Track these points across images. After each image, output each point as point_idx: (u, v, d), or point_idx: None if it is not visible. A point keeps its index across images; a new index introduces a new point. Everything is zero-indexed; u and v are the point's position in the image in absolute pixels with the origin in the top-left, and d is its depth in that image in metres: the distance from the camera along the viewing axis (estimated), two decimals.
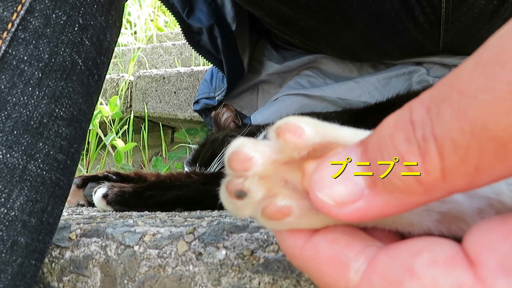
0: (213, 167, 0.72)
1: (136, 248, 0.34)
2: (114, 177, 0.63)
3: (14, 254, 0.28)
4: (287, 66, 0.94)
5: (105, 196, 0.54)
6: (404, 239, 0.18)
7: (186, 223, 0.37)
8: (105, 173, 0.64)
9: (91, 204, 0.61)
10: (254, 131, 0.74)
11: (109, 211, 0.54)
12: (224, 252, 0.32)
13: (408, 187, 0.15)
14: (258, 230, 0.33)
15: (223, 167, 0.73)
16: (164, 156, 1.05)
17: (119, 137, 1.00)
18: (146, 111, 1.05)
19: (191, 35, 0.86)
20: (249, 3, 0.72)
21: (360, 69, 0.92)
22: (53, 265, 0.35)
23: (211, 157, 0.74)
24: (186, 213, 0.50)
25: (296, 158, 0.19)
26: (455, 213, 0.18)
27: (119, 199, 0.53)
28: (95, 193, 0.55)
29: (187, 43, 0.87)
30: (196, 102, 0.98)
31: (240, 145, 0.19)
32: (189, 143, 1.02)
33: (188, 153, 1.06)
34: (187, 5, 0.85)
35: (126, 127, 1.04)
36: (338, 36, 0.78)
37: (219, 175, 0.63)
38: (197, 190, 0.55)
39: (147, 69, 1.21)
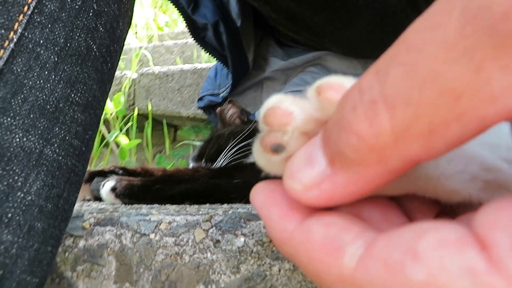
0: (219, 163, 0.72)
1: (152, 236, 0.33)
2: (120, 171, 0.63)
3: (30, 239, 0.27)
4: (292, 62, 0.94)
5: (113, 189, 0.53)
6: None
7: (200, 212, 0.37)
8: (112, 168, 0.63)
9: (97, 198, 0.61)
10: None
11: (118, 204, 0.54)
12: (242, 239, 0.32)
13: (361, 158, 0.14)
14: None
15: (229, 162, 0.73)
16: (168, 153, 1.05)
17: (123, 135, 0.99)
18: (150, 108, 1.05)
19: (196, 31, 0.86)
20: None
21: (364, 65, 0.91)
22: (66, 254, 0.35)
23: (217, 153, 0.73)
24: (197, 206, 0.49)
25: None
26: (500, 181, 0.18)
27: (128, 192, 0.53)
28: (103, 186, 0.54)
29: (193, 39, 0.87)
30: (200, 99, 0.98)
31: (278, 100, 0.19)
32: (192, 141, 1.02)
33: (191, 151, 1.06)
34: (192, 1, 0.85)
35: (130, 124, 1.04)
36: (343, 33, 0.78)
37: (227, 169, 0.63)
38: (205, 184, 0.55)
39: (150, 67, 1.21)
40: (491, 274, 0.12)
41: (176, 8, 0.85)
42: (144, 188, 0.53)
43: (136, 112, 1.06)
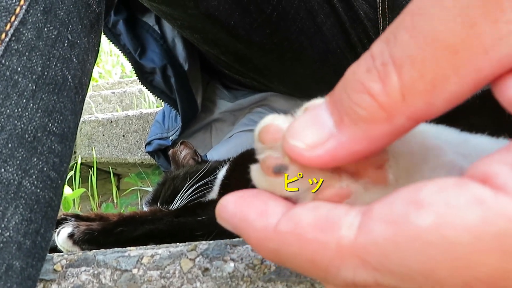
0: (176, 204, 0.70)
1: (134, 271, 0.32)
2: (73, 219, 0.59)
3: (8, 281, 0.25)
4: (239, 104, 0.97)
5: (71, 236, 0.50)
6: None
7: (181, 244, 0.36)
8: (62, 216, 0.59)
9: (50, 250, 0.56)
10: (216, 166, 0.74)
11: (75, 252, 0.50)
12: (232, 264, 0.31)
13: (371, 115, 0.15)
14: None
15: (187, 203, 0.71)
16: (115, 201, 1.00)
17: (66, 184, 0.93)
18: (94, 156, 1.00)
19: (144, 75, 0.86)
20: (206, 41, 0.75)
21: None
22: None
23: (173, 194, 0.72)
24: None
25: None
26: None
27: (87, 237, 0.50)
28: (58, 234, 0.50)
29: (140, 83, 0.86)
30: (148, 143, 0.96)
31: (271, 119, 0.20)
32: (140, 187, 0.99)
33: (139, 198, 1.02)
34: (139, 46, 0.85)
35: (72, 173, 0.98)
36: (290, 72, 0.83)
37: (190, 208, 0.61)
38: (170, 223, 0.53)
39: (92, 114, 1.17)
40: (498, 197, 0.13)
41: (122, 53, 0.85)
42: (105, 232, 0.50)
43: (79, 161, 1.01)
